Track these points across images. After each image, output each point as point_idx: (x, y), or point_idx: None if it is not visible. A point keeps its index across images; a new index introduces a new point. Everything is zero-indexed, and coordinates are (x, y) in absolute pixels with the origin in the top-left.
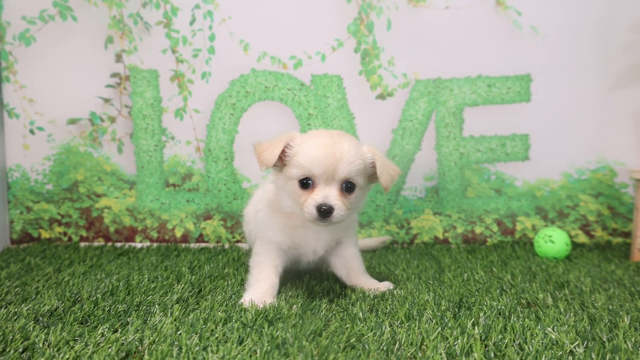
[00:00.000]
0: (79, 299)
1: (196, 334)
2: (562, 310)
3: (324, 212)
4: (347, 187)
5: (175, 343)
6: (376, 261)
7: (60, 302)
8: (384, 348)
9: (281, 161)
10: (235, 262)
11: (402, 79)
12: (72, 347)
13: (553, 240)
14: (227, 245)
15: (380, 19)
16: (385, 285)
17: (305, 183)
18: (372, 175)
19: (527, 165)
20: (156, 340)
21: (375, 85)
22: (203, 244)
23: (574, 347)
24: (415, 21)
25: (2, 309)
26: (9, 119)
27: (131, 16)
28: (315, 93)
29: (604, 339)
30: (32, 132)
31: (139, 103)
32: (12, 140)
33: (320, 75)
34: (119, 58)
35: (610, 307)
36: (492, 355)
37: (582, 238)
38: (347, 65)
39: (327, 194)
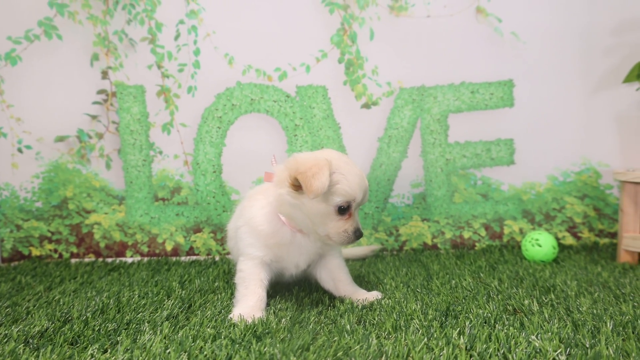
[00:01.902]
0: (69, 318)
1: (185, 352)
2: (547, 316)
3: (358, 235)
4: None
5: None
6: (365, 270)
7: (51, 322)
8: None
9: (295, 186)
10: (226, 275)
11: (387, 88)
12: None
13: (540, 244)
14: (217, 258)
15: (363, 29)
16: (374, 295)
17: (344, 209)
18: None
19: (512, 170)
20: None
21: (360, 94)
22: (194, 257)
23: (557, 355)
24: (398, 30)
25: None
26: None
27: (116, 33)
28: (301, 104)
29: (587, 345)
30: (20, 150)
31: (126, 119)
32: (0, 159)
33: (305, 87)
34: (105, 75)
35: (595, 311)
36: None
37: (570, 240)
38: (332, 76)
39: (357, 219)
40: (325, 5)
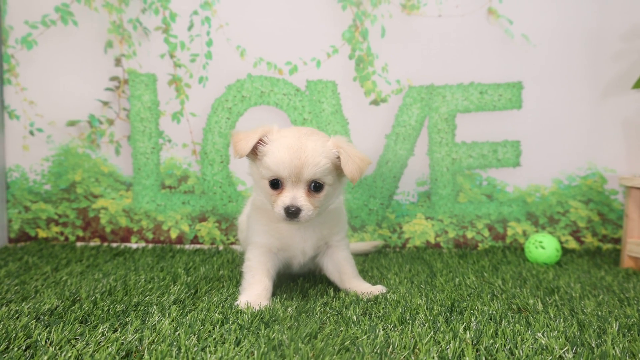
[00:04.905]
0: (78, 298)
1: (194, 334)
2: (552, 316)
3: (292, 213)
4: (315, 186)
5: (174, 343)
6: (369, 265)
7: (60, 301)
8: (378, 351)
9: (255, 154)
10: (230, 264)
11: (396, 86)
12: (74, 346)
13: (544, 246)
14: (221, 247)
15: (375, 27)
16: (378, 289)
17: (275, 183)
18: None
19: (518, 172)
20: (155, 340)
21: (369, 91)
22: (198, 246)
23: (564, 353)
24: (409, 29)
25: (3, 307)
26: (9, 120)
27: (131, 21)
28: (310, 98)
29: (593, 345)
30: (31, 133)
31: (137, 106)
32: (12, 141)
33: (315, 81)
34: (118, 62)
35: (600, 313)
36: (484, 359)
37: (573, 244)
38: (342, 72)
39: (295, 195)
40: (338, 1)
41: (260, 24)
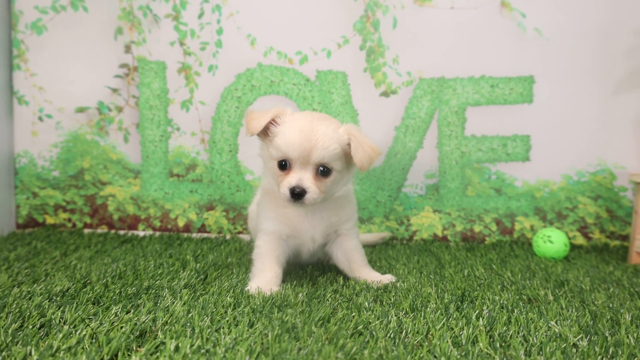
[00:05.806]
0: (89, 281)
1: (207, 316)
2: (564, 306)
3: (297, 194)
4: (323, 171)
5: (188, 324)
6: (376, 256)
7: (72, 283)
8: (391, 336)
9: (266, 135)
10: (238, 252)
11: (406, 77)
12: (88, 325)
13: (552, 241)
14: (228, 236)
15: (386, 17)
16: (388, 278)
17: (283, 165)
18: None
19: (527, 166)
20: (169, 321)
21: (380, 82)
22: (205, 234)
23: (577, 341)
24: (421, 20)
25: (15, 288)
26: (18, 105)
27: (141, 8)
28: (320, 89)
29: (607, 334)
30: (40, 119)
31: (146, 94)
32: (21, 127)
33: (326, 71)
34: (127, 49)
35: (611, 305)
36: (498, 345)
37: (580, 240)
38: (352, 62)
39: (302, 177)
40: None
41: (271, 13)
